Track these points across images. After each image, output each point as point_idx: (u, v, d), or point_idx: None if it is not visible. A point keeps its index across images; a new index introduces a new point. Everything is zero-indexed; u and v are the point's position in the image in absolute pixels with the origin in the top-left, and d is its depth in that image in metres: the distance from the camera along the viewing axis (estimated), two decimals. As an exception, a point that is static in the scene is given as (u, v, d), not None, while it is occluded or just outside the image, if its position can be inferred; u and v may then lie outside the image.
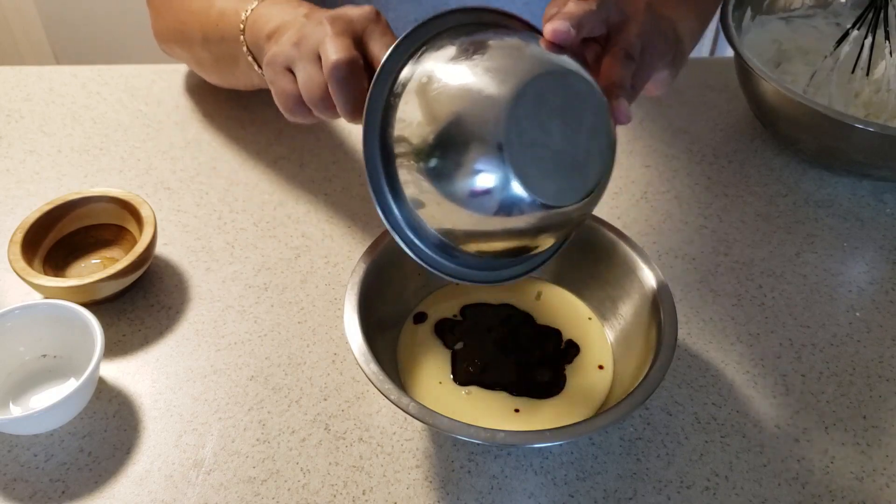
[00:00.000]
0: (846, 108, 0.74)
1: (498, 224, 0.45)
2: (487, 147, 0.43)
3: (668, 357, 0.51)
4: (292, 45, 0.55)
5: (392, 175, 0.47)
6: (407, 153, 0.46)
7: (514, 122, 0.42)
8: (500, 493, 0.53)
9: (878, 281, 0.67)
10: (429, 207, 0.46)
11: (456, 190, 0.44)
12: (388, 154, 0.47)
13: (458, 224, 0.46)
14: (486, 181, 0.43)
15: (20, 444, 0.56)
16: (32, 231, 0.63)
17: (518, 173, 0.43)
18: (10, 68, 0.87)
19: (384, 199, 0.48)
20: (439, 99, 0.44)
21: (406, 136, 0.45)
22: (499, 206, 0.44)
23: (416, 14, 0.84)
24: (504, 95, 0.43)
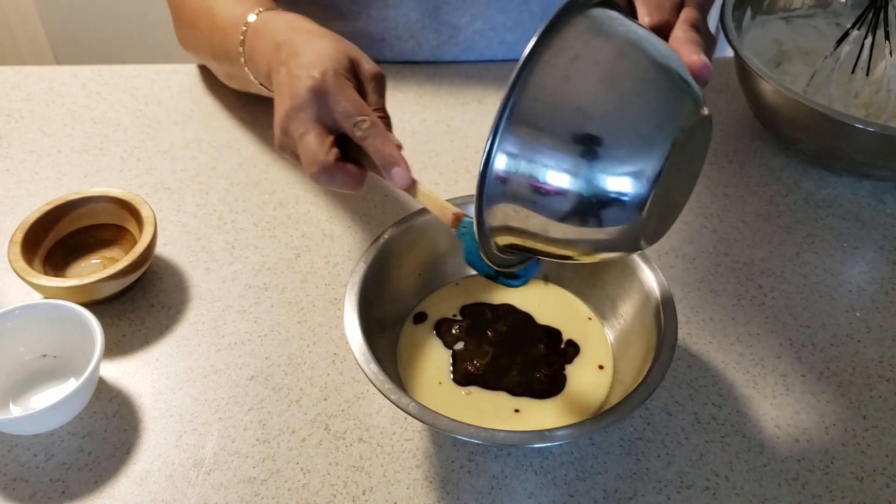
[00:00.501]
0: (846, 108, 0.74)
1: (572, 234, 0.44)
2: (631, 177, 0.42)
3: (668, 357, 0.51)
4: (282, 133, 0.59)
5: (507, 159, 0.43)
6: (536, 145, 0.42)
7: (665, 167, 0.42)
8: (500, 492, 0.53)
9: (878, 281, 0.67)
10: (524, 206, 0.43)
11: (574, 198, 0.42)
12: (513, 135, 0.43)
13: (538, 227, 0.44)
14: (618, 210, 0.42)
15: (20, 444, 0.56)
16: (32, 231, 0.63)
17: (648, 213, 0.42)
18: (10, 68, 0.87)
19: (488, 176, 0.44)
20: (598, 106, 0.42)
21: (546, 127, 0.42)
22: (598, 225, 0.43)
23: (418, 12, 0.84)
24: (666, 140, 0.42)
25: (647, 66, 0.43)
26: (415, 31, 0.86)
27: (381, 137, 0.55)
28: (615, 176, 0.41)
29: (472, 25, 0.86)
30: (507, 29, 0.87)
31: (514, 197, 0.43)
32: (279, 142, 0.60)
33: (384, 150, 0.55)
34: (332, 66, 0.57)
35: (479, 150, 0.78)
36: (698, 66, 0.48)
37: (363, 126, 0.55)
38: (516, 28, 0.87)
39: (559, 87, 0.42)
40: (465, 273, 0.64)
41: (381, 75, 0.61)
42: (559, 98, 0.42)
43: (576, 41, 0.42)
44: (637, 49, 0.43)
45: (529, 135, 0.42)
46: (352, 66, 0.59)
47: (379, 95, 0.60)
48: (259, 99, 0.82)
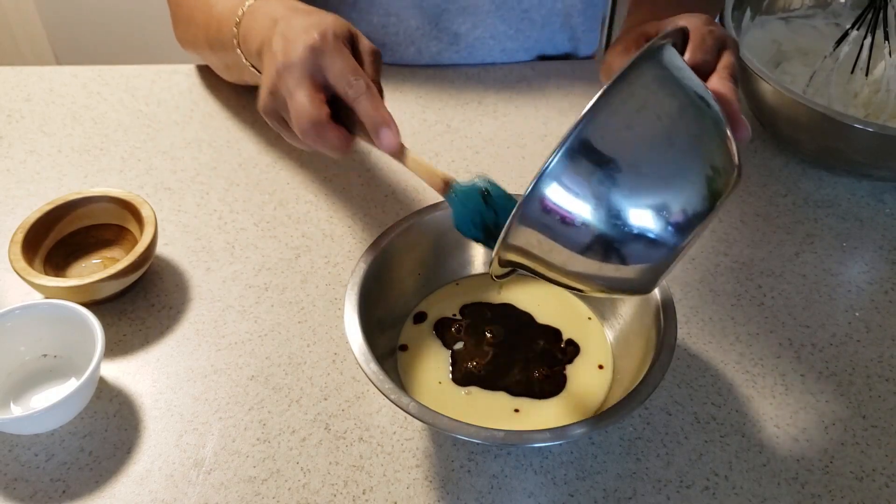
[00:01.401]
0: (846, 108, 0.74)
1: (590, 269, 0.45)
2: (666, 241, 0.43)
3: (668, 357, 0.51)
4: (269, 94, 0.58)
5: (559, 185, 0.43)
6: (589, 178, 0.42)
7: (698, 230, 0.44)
8: (500, 492, 0.54)
9: (878, 281, 0.67)
10: (556, 237, 0.44)
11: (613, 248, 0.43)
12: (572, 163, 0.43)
13: (564, 262, 0.45)
14: (642, 264, 0.44)
15: (21, 444, 0.56)
16: (33, 231, 0.64)
17: (670, 267, 0.44)
18: (10, 68, 0.87)
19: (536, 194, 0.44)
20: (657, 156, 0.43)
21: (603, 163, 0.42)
22: (618, 266, 0.44)
23: (419, 19, 0.84)
24: (704, 205, 0.44)
25: (703, 129, 0.45)
26: (415, 37, 0.86)
27: (374, 100, 0.55)
28: (651, 232, 0.43)
29: (472, 33, 0.86)
30: (508, 37, 0.87)
31: (548, 226, 0.43)
32: (264, 104, 0.58)
33: (374, 111, 0.54)
34: (332, 29, 0.57)
35: (479, 151, 0.78)
36: (743, 131, 0.49)
37: (357, 86, 0.55)
38: (517, 36, 0.87)
39: (621, 134, 0.42)
40: (465, 273, 0.64)
41: (378, 52, 0.60)
42: (618, 145, 0.42)
43: (644, 91, 0.43)
44: (697, 110, 0.45)
45: (585, 170, 0.42)
46: (351, 37, 0.59)
47: (375, 70, 0.59)
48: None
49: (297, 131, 0.56)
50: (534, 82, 0.86)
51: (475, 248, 0.63)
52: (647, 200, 0.42)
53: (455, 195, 0.53)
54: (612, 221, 0.42)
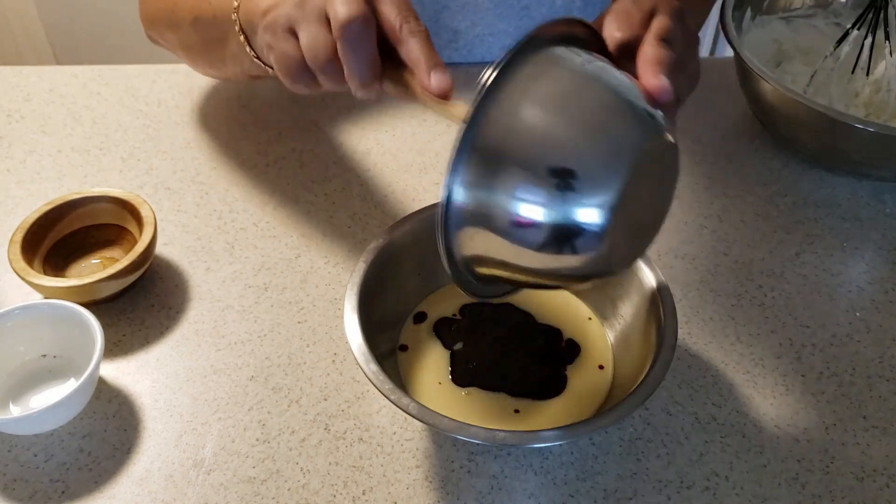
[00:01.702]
0: (846, 108, 0.74)
1: (548, 263, 0.44)
2: (592, 204, 0.42)
3: (668, 357, 0.51)
4: (294, 4, 0.51)
5: (467, 191, 0.44)
6: (498, 174, 0.43)
7: (624, 190, 0.42)
8: (500, 493, 0.53)
9: (878, 281, 0.67)
10: (486, 233, 0.44)
11: (538, 227, 0.42)
12: (474, 166, 0.44)
13: (509, 256, 0.44)
14: (574, 231, 0.42)
15: (20, 444, 0.56)
16: (32, 231, 0.63)
17: (609, 236, 0.42)
18: (10, 68, 0.87)
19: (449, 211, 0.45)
20: (555, 135, 0.43)
21: (506, 157, 0.43)
22: (568, 253, 0.43)
23: (420, 17, 0.84)
24: (622, 164, 0.42)
25: (598, 99, 0.44)
26: None
27: (427, 41, 0.50)
28: (572, 207, 0.42)
29: (472, 30, 0.86)
30: (508, 34, 0.87)
31: (475, 225, 0.44)
32: (281, 14, 0.52)
33: (427, 51, 0.49)
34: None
35: (479, 150, 0.78)
36: (657, 91, 0.46)
37: (414, 24, 0.50)
38: (517, 34, 0.87)
39: (513, 122, 0.43)
40: (465, 273, 0.64)
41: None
42: (513, 132, 0.43)
43: (528, 79, 0.44)
44: (590, 83, 0.44)
45: (486, 168, 0.43)
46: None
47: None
48: (259, 99, 0.82)
49: (336, 28, 0.49)
50: (534, 82, 0.86)
51: (475, 248, 0.63)
52: (553, 185, 0.42)
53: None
54: (528, 210, 0.42)
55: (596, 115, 0.43)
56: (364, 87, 0.51)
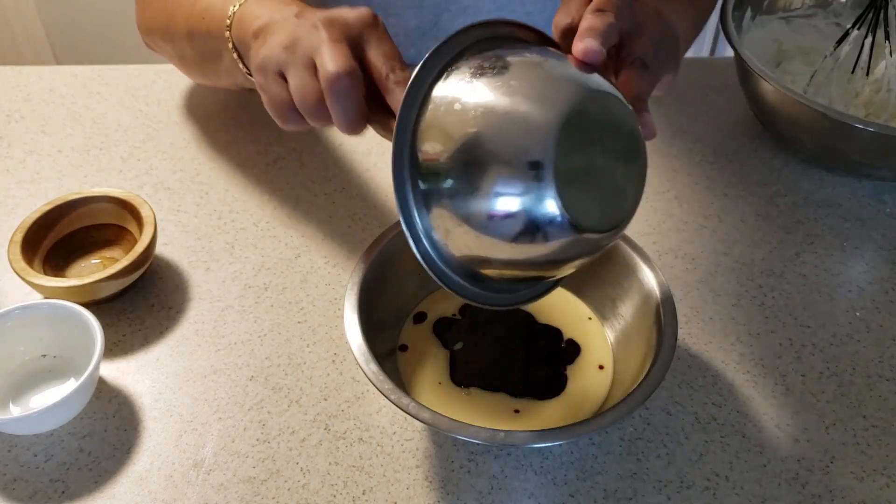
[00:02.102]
0: (846, 108, 0.74)
1: (531, 252, 0.44)
2: (535, 174, 0.42)
3: (668, 357, 0.51)
4: (283, 48, 0.53)
5: (422, 199, 0.45)
6: (444, 177, 0.44)
7: (562, 149, 0.42)
8: (500, 493, 0.53)
9: (878, 281, 0.67)
10: (460, 233, 0.45)
11: (498, 216, 0.43)
12: (419, 177, 0.45)
13: (490, 252, 0.45)
14: (530, 207, 0.42)
15: (20, 444, 0.56)
16: (32, 231, 0.63)
17: (564, 202, 0.42)
18: (10, 68, 0.87)
19: (413, 224, 0.46)
20: (482, 124, 0.43)
21: (443, 160, 0.44)
22: (538, 234, 0.43)
23: (418, 20, 0.84)
24: (551, 121, 0.42)
25: (517, 76, 0.44)
26: (414, 39, 0.85)
27: None
28: (514, 181, 0.42)
29: None
30: None
31: (444, 221, 0.45)
32: (270, 55, 0.53)
33: None
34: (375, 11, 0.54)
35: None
36: (581, 53, 0.46)
37: (401, 73, 0.51)
38: None
39: (437, 126, 0.44)
40: (465, 273, 0.63)
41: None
42: (446, 129, 0.44)
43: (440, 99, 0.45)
44: (508, 64, 0.45)
45: (430, 178, 0.44)
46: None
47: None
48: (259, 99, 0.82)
49: (324, 81, 0.51)
50: (534, 82, 0.86)
51: (475, 248, 0.63)
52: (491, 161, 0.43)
53: None
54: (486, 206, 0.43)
55: (514, 89, 0.44)
56: (351, 132, 0.52)
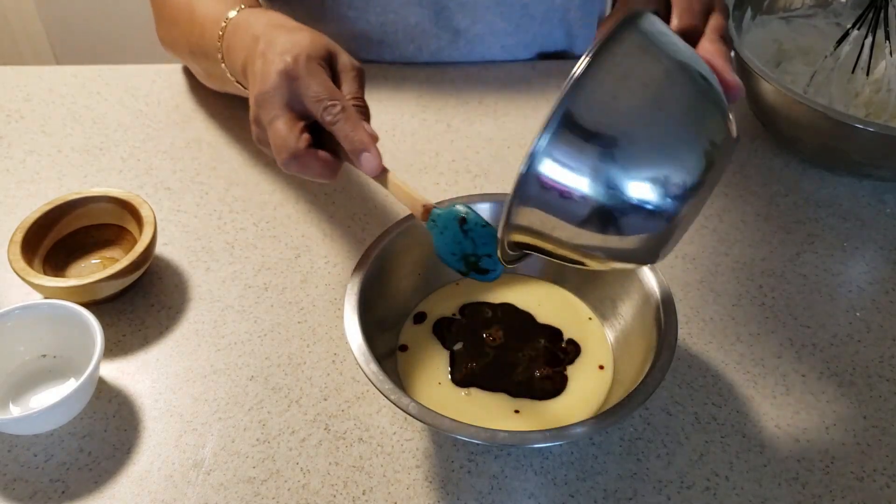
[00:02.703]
0: (846, 108, 0.74)
1: (599, 247, 0.45)
2: (667, 200, 0.43)
3: (668, 357, 0.51)
4: (253, 123, 0.58)
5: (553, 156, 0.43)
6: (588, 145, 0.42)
7: (702, 179, 0.43)
8: (500, 493, 0.53)
9: (879, 281, 0.67)
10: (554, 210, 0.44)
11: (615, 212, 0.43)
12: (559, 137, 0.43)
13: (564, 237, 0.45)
14: (646, 225, 0.43)
15: (20, 444, 0.56)
16: (32, 231, 0.63)
17: (675, 228, 0.44)
18: (10, 68, 0.87)
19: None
20: (642, 123, 0.43)
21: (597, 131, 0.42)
22: (632, 244, 0.44)
23: (418, 16, 0.84)
24: (699, 162, 0.43)
25: (690, 90, 0.44)
26: (415, 34, 0.85)
27: (351, 123, 0.54)
28: (649, 201, 0.42)
29: (472, 29, 0.86)
30: (508, 34, 0.87)
31: (547, 202, 0.43)
32: (254, 134, 0.58)
33: (353, 135, 0.54)
34: (306, 52, 0.56)
35: (479, 150, 0.78)
36: (734, 88, 0.48)
37: (333, 111, 0.54)
38: (516, 32, 0.87)
39: (607, 105, 0.42)
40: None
41: (360, 68, 0.59)
42: (606, 115, 0.42)
43: (626, 59, 0.43)
44: (683, 72, 0.44)
45: (575, 145, 0.42)
46: (328, 55, 0.58)
47: (358, 86, 0.58)
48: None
49: (279, 163, 0.55)
50: (534, 82, 0.86)
51: (475, 248, 0.63)
52: (640, 169, 0.42)
53: (434, 222, 0.53)
54: (608, 192, 0.42)
55: (686, 107, 0.44)
56: (329, 181, 0.57)
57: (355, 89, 0.58)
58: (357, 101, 0.57)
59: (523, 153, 0.42)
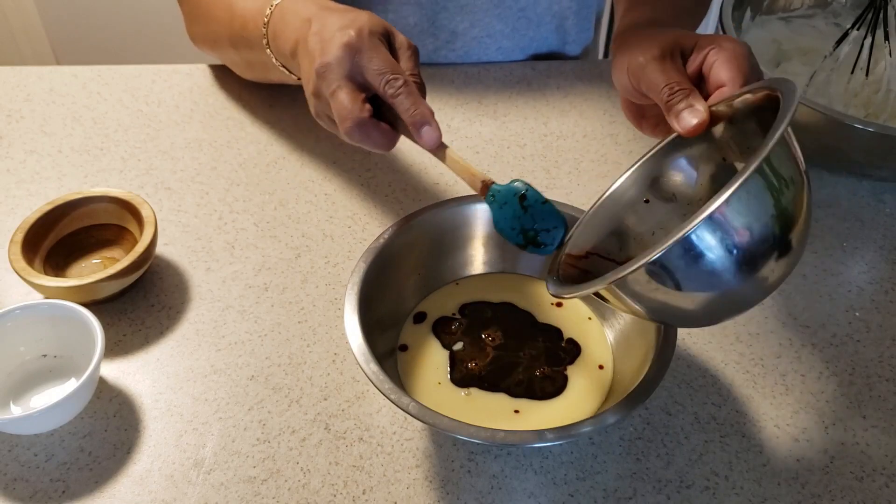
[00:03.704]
0: (846, 108, 0.74)
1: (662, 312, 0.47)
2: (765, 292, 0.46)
3: (668, 357, 0.51)
4: (312, 97, 0.59)
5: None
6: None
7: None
8: (500, 492, 0.53)
9: (878, 281, 0.67)
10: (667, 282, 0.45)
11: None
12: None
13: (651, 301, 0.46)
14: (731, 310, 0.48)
15: (21, 444, 0.56)
16: (33, 231, 0.64)
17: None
18: (10, 68, 0.87)
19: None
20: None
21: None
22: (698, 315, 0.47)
23: (417, 17, 0.84)
24: (789, 268, 0.46)
25: (804, 203, 0.46)
26: (413, 35, 0.86)
27: (413, 97, 0.55)
28: (747, 301, 0.47)
29: (469, 32, 0.86)
30: (505, 36, 0.87)
31: (663, 277, 0.44)
32: (313, 107, 0.60)
33: (414, 108, 0.55)
34: (368, 27, 0.57)
35: (479, 151, 0.78)
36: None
37: (395, 84, 0.55)
38: (513, 35, 0.87)
39: (752, 213, 0.43)
40: (465, 273, 0.64)
41: (415, 47, 0.60)
42: (754, 209, 0.43)
43: (777, 173, 0.44)
44: (800, 169, 0.46)
45: (718, 232, 0.43)
46: (387, 33, 0.59)
47: (414, 63, 0.59)
48: (260, 100, 0.82)
49: (342, 132, 0.56)
50: (533, 82, 0.86)
51: (475, 248, 0.63)
52: (755, 273, 0.44)
53: (493, 198, 0.54)
54: (720, 287, 0.44)
55: (806, 208, 0.46)
56: (386, 151, 0.58)
57: (412, 66, 0.59)
58: (415, 77, 0.58)
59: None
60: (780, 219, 0.44)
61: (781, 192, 0.44)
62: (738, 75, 0.53)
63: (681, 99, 0.53)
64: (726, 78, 0.53)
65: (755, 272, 0.44)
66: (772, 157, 0.42)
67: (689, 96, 0.53)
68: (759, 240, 0.43)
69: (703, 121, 0.51)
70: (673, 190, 0.56)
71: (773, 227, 0.44)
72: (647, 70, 0.56)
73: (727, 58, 0.53)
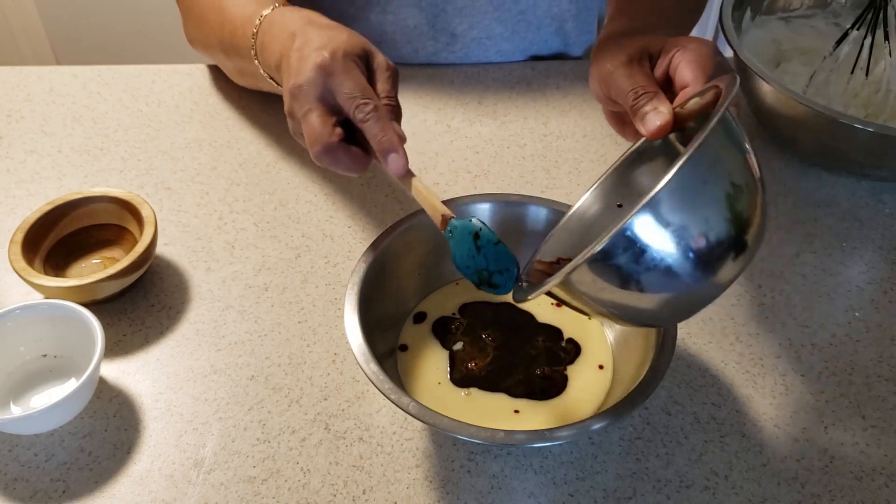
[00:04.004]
0: (845, 108, 0.74)
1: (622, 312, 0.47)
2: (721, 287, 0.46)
3: (668, 357, 0.51)
4: (288, 116, 0.58)
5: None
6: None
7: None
8: (500, 492, 0.54)
9: (877, 281, 0.67)
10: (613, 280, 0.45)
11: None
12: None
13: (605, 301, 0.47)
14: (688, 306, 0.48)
15: (21, 444, 0.56)
16: (33, 231, 0.64)
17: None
18: (10, 68, 0.87)
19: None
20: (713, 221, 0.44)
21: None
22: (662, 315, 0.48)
23: (416, 19, 0.84)
24: (745, 260, 0.46)
25: (749, 192, 0.45)
26: (412, 37, 0.86)
27: (381, 123, 0.55)
28: (702, 292, 0.46)
29: (469, 34, 0.86)
30: (504, 39, 0.87)
31: (609, 273, 0.44)
32: (290, 126, 0.59)
33: (382, 135, 0.54)
34: (343, 48, 0.57)
35: (479, 151, 0.78)
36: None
37: (365, 109, 0.55)
38: (513, 38, 0.87)
39: (691, 201, 0.43)
40: (465, 273, 0.64)
41: (394, 68, 0.60)
42: (694, 199, 0.43)
43: (716, 147, 0.44)
44: (749, 163, 0.46)
45: (659, 223, 0.43)
46: (365, 53, 0.58)
47: (391, 86, 0.59)
48: (259, 100, 0.82)
49: (312, 155, 0.56)
50: (533, 82, 0.86)
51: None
52: (706, 261, 0.44)
53: (451, 233, 0.54)
54: (670, 278, 0.44)
55: (755, 198, 0.46)
56: (360, 173, 0.58)
57: (388, 88, 0.58)
58: (389, 100, 0.57)
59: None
60: (724, 210, 0.43)
61: (723, 183, 0.43)
62: (700, 75, 0.53)
63: (645, 102, 0.53)
64: (689, 78, 0.53)
65: (702, 266, 0.44)
66: (705, 148, 0.42)
67: (654, 99, 0.53)
68: (700, 233, 0.43)
69: (667, 122, 0.51)
70: (646, 193, 0.57)
71: (715, 220, 0.43)
72: (615, 76, 0.56)
73: (690, 58, 0.54)
